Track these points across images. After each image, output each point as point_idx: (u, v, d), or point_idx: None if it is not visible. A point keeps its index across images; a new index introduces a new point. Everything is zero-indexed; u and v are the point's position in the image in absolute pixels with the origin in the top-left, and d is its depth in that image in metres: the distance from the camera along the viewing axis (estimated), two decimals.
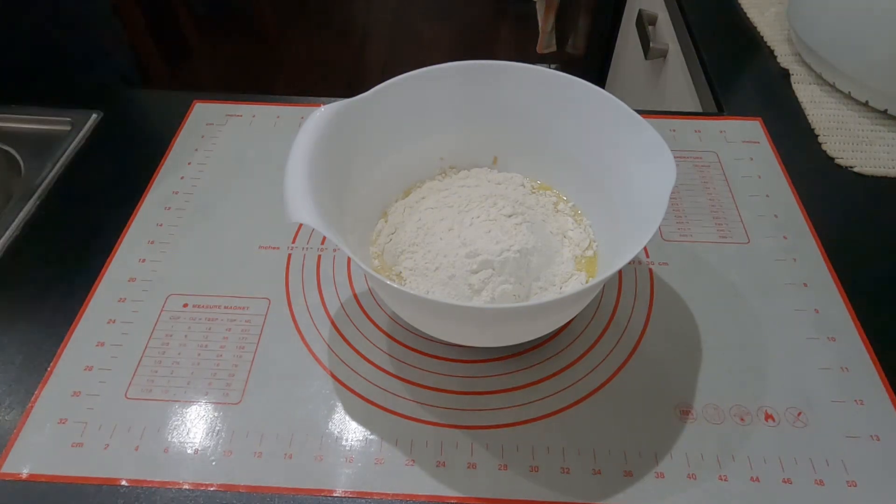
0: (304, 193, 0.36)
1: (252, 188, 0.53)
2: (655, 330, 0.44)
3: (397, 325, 0.44)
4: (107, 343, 0.43)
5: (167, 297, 0.45)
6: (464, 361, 0.42)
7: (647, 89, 0.96)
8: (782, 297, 0.46)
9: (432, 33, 2.02)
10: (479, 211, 0.43)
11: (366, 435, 0.39)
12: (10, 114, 0.59)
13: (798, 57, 0.66)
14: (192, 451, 0.38)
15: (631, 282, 0.47)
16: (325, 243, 0.49)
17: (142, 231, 0.50)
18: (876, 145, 0.57)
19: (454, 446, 0.38)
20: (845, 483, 0.37)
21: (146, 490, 0.36)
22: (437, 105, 0.46)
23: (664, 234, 0.50)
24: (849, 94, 0.61)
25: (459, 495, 0.36)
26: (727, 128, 0.59)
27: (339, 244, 0.34)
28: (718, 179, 0.54)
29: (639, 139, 0.40)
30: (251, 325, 0.44)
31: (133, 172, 0.54)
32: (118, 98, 0.62)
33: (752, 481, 0.37)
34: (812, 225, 0.50)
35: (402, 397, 0.40)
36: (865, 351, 0.42)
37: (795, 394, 0.40)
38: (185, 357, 0.42)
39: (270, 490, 0.36)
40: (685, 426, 0.39)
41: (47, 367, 0.42)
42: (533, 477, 0.37)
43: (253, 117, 0.59)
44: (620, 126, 0.41)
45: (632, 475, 0.37)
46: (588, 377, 0.41)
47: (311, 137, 0.39)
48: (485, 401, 0.40)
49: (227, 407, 0.40)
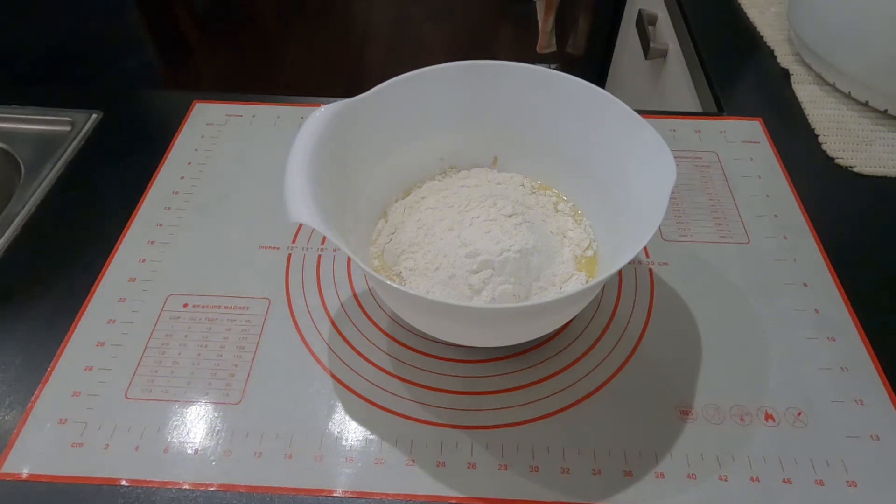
0: (304, 193, 0.36)
1: (252, 188, 0.53)
2: (655, 330, 0.44)
3: (397, 325, 0.44)
4: (107, 343, 0.43)
5: (167, 297, 0.45)
6: (464, 361, 0.42)
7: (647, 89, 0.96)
8: (782, 297, 0.46)
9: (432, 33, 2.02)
10: (479, 211, 0.43)
11: (366, 435, 0.39)
12: (10, 114, 0.59)
13: (798, 57, 0.66)
14: (192, 451, 0.38)
15: (631, 282, 0.47)
16: (325, 243, 0.49)
17: (142, 231, 0.50)
18: (876, 145, 0.57)
19: (454, 446, 0.38)
20: (845, 483, 0.37)
21: (146, 490, 0.36)
22: (437, 105, 0.46)
23: (664, 234, 0.50)
24: (849, 94, 0.61)
25: (459, 495, 0.36)
26: (727, 128, 0.59)
27: (339, 244, 0.34)
28: (718, 179, 0.54)
29: (639, 139, 0.40)
30: (251, 325, 0.44)
31: (133, 172, 0.54)
32: (118, 98, 0.62)
33: (752, 481, 0.37)
34: (812, 225, 0.50)
35: (402, 397, 0.40)
36: (865, 351, 0.42)
37: (795, 394, 0.40)
38: (185, 357, 0.42)
39: (270, 490, 0.36)
40: (685, 426, 0.39)
41: (47, 367, 0.42)
42: (533, 477, 0.37)
43: (253, 117, 0.59)
44: (620, 126, 0.41)
45: (632, 475, 0.37)
46: (588, 377, 0.41)
47: (311, 137, 0.39)
48: (485, 401, 0.40)
49: (227, 407, 0.40)
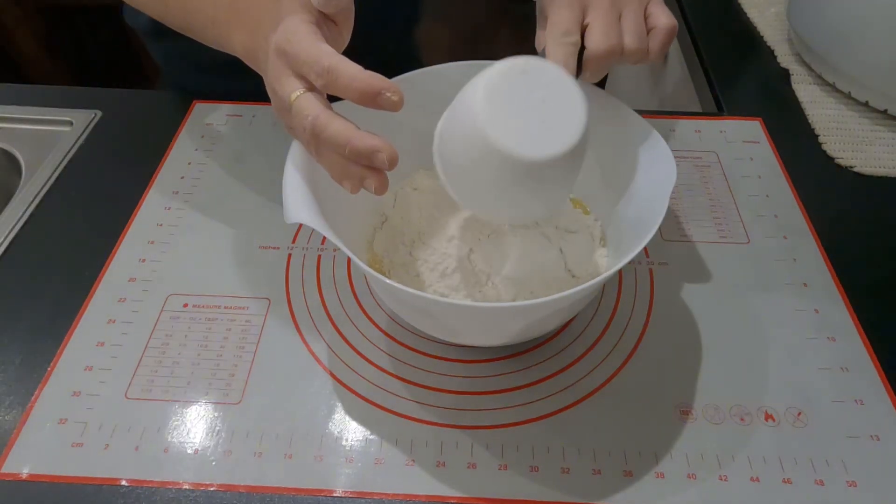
0: (303, 193, 0.36)
1: (252, 188, 0.53)
2: (655, 330, 0.44)
3: (397, 325, 0.44)
4: (107, 343, 0.43)
5: (167, 297, 0.45)
6: (464, 361, 0.42)
7: (647, 89, 0.96)
8: (782, 297, 0.46)
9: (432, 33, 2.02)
10: None
11: (366, 435, 0.39)
12: (10, 114, 0.59)
13: (798, 57, 0.66)
14: (192, 451, 0.38)
15: (631, 282, 0.47)
16: (325, 243, 0.49)
17: (142, 231, 0.50)
18: (876, 145, 0.57)
19: (454, 446, 0.38)
20: (845, 483, 0.37)
21: (146, 490, 0.36)
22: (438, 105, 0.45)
23: (664, 234, 0.50)
24: (849, 94, 0.61)
25: (459, 495, 0.36)
26: (727, 128, 0.59)
27: (339, 244, 0.34)
28: (718, 179, 0.54)
29: (639, 139, 0.40)
30: (251, 325, 0.44)
31: (133, 172, 0.54)
32: (118, 98, 0.62)
33: (752, 481, 0.37)
34: (812, 225, 0.50)
35: (402, 397, 0.40)
36: (865, 351, 0.42)
37: (795, 394, 0.40)
38: (185, 357, 0.42)
39: (270, 490, 0.36)
40: (685, 426, 0.39)
41: (47, 367, 0.42)
42: (533, 477, 0.37)
43: (253, 117, 0.59)
44: (620, 126, 0.41)
45: (632, 475, 0.37)
46: (588, 377, 0.41)
47: None
48: (485, 401, 0.40)
49: (227, 407, 0.40)
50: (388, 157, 0.32)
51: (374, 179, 0.33)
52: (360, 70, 0.31)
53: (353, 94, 0.31)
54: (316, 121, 0.32)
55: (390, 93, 0.31)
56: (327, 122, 0.32)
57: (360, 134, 0.31)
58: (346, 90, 0.31)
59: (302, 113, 0.32)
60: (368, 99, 0.31)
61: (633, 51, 0.37)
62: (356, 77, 0.31)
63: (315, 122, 0.32)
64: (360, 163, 0.32)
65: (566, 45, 0.37)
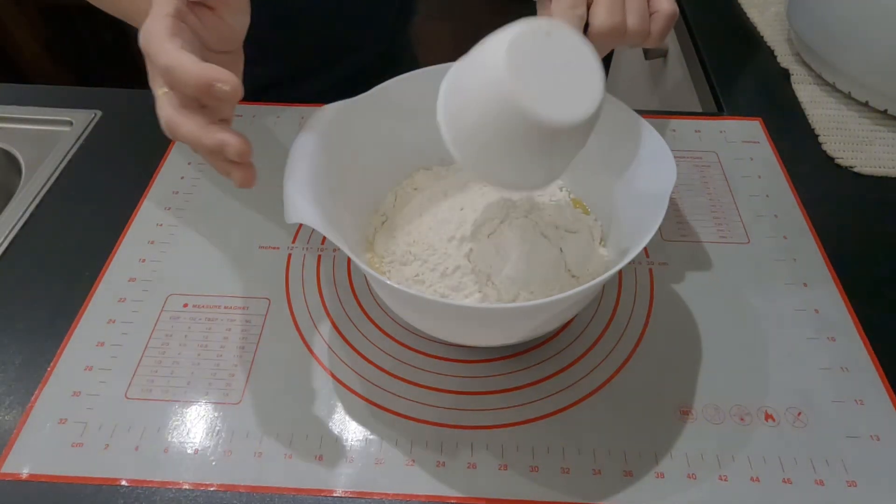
0: (303, 193, 0.36)
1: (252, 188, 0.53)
2: (655, 330, 0.44)
3: (397, 325, 0.44)
4: (107, 343, 0.43)
5: (167, 297, 0.45)
6: (464, 361, 0.42)
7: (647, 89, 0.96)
8: (782, 297, 0.46)
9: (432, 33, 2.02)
10: (479, 210, 0.43)
11: (366, 435, 0.39)
12: (10, 114, 0.59)
13: (798, 57, 0.66)
14: (192, 451, 0.38)
15: (631, 282, 0.47)
16: (325, 243, 0.49)
17: (142, 231, 0.50)
18: (876, 145, 0.57)
19: (454, 446, 0.38)
20: (845, 483, 0.37)
21: (146, 490, 0.36)
22: None
23: (664, 234, 0.50)
24: (849, 94, 0.61)
25: (459, 495, 0.36)
26: (727, 128, 0.59)
27: (339, 244, 0.34)
28: (718, 179, 0.54)
29: (639, 139, 0.40)
30: (251, 325, 0.44)
31: (133, 172, 0.54)
32: (118, 98, 0.62)
33: (752, 481, 0.37)
34: (812, 225, 0.50)
35: (402, 397, 0.40)
36: (865, 351, 0.42)
37: (795, 394, 0.40)
38: (185, 357, 0.42)
39: (270, 490, 0.36)
40: (685, 426, 0.39)
41: (47, 367, 0.42)
42: (533, 477, 0.37)
43: (253, 117, 0.59)
44: (621, 126, 0.41)
45: (632, 475, 0.37)
46: (588, 377, 0.41)
47: (312, 137, 0.39)
48: (485, 401, 0.40)
49: (226, 407, 0.40)
50: (235, 150, 0.31)
51: (237, 172, 0.32)
52: (193, 63, 0.30)
53: (190, 90, 0.30)
54: (169, 122, 0.31)
55: (221, 83, 0.29)
56: (179, 124, 0.31)
57: (209, 130, 0.31)
58: (185, 87, 0.30)
59: (159, 115, 0.32)
60: (203, 92, 0.30)
61: (636, 31, 0.37)
62: (189, 71, 0.30)
63: (168, 125, 0.31)
64: (219, 159, 0.32)
65: (573, 18, 0.36)
